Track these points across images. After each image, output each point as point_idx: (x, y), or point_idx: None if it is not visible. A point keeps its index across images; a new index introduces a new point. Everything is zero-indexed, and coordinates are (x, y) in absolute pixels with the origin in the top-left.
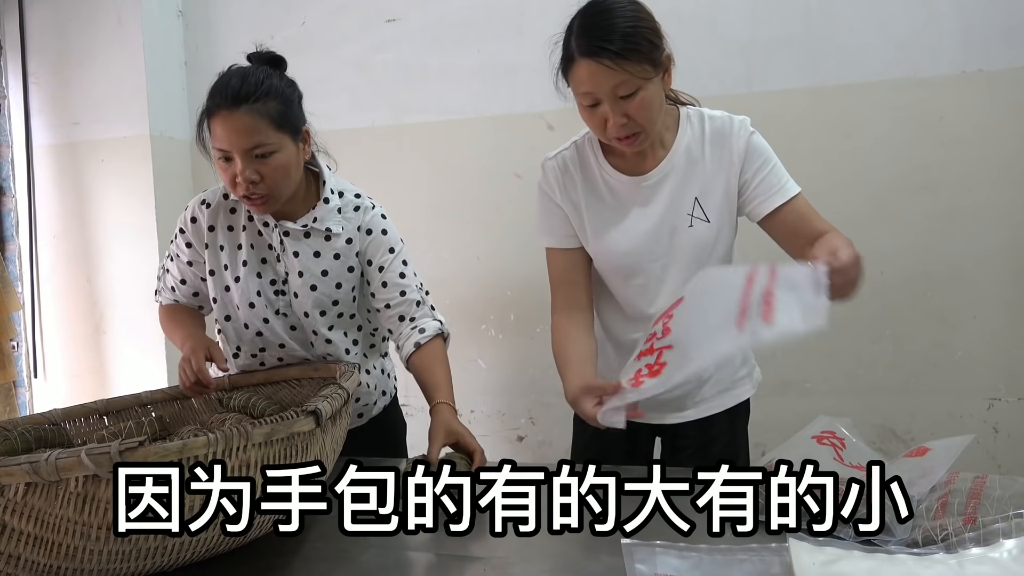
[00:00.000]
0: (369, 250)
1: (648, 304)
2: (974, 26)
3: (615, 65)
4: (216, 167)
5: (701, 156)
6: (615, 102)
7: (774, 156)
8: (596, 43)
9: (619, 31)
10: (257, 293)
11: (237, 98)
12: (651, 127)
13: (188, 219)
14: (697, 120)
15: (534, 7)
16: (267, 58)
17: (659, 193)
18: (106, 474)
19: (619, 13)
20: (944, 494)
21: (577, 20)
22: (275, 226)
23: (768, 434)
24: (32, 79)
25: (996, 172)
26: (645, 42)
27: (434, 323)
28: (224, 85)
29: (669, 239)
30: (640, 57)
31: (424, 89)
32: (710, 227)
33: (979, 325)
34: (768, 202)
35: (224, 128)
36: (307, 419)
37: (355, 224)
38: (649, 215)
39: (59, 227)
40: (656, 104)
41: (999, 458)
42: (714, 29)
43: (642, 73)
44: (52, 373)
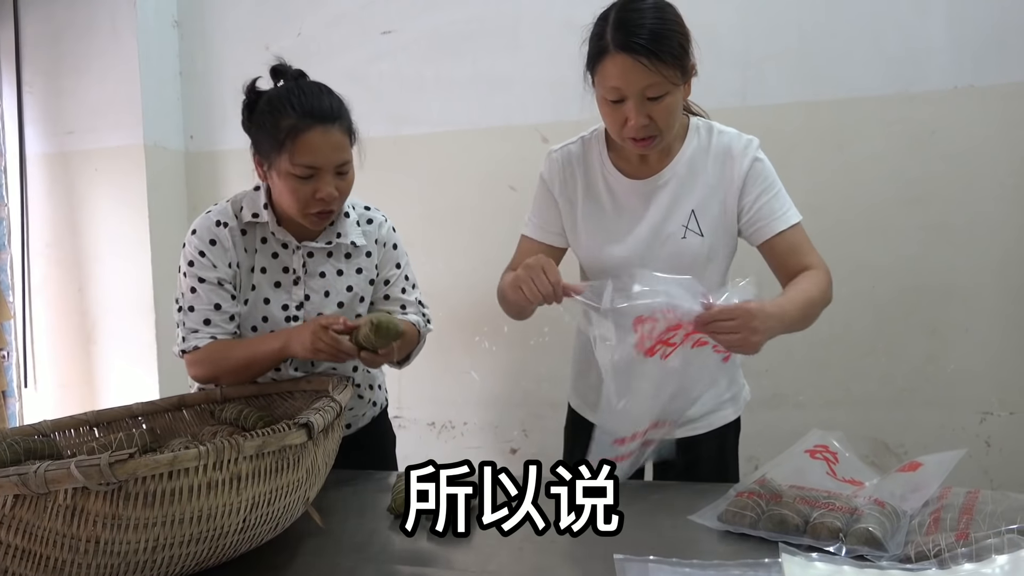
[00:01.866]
0: (381, 263)
1: None
2: (965, 42)
3: (651, 65)
4: (285, 186)
5: (703, 169)
6: (642, 102)
7: (778, 182)
8: (635, 39)
9: (659, 31)
10: (263, 319)
11: (331, 116)
12: (669, 132)
13: (206, 241)
14: (706, 132)
15: (529, 20)
16: (296, 73)
17: (656, 199)
18: (95, 486)
19: (658, 14)
20: (937, 509)
21: (614, 12)
22: (296, 247)
23: (761, 447)
24: (26, 88)
25: (988, 186)
26: (679, 48)
27: (416, 317)
28: (314, 102)
29: (661, 247)
30: (674, 61)
31: (419, 101)
32: (703, 241)
33: (971, 339)
34: (764, 230)
35: (321, 143)
36: (299, 432)
37: (372, 237)
38: (643, 221)
39: (51, 236)
40: (677, 110)
41: (991, 472)
42: (709, 43)
43: (673, 78)
44: (42, 383)
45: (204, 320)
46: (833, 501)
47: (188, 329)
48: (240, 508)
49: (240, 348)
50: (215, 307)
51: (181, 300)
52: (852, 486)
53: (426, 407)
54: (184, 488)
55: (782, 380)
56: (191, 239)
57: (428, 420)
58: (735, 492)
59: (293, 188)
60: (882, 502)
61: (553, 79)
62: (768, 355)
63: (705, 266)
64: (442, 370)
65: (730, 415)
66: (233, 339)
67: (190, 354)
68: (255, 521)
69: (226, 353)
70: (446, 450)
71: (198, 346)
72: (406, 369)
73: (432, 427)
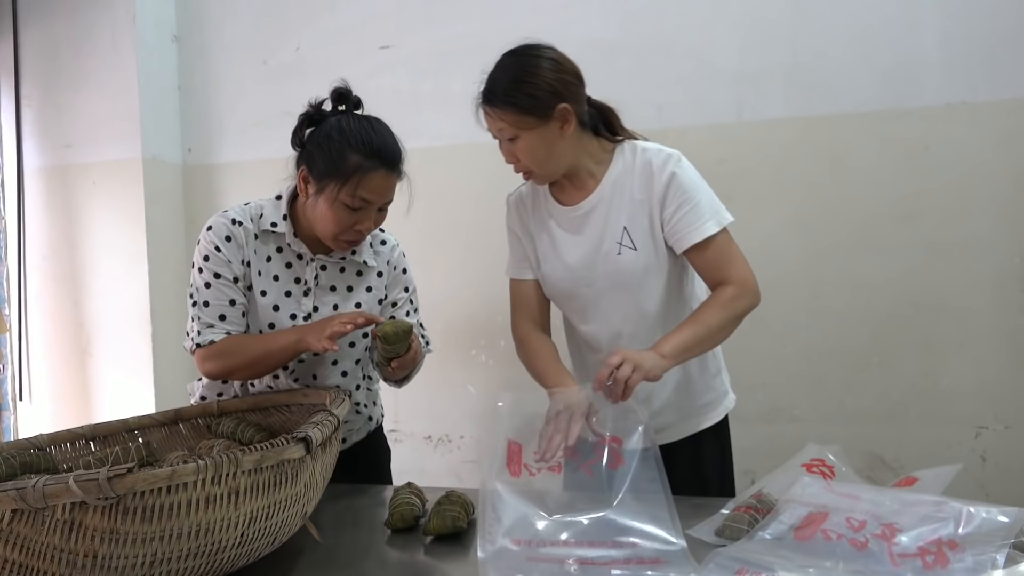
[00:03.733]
0: (390, 286)
1: (583, 322)
2: (958, 59)
3: (493, 112)
4: (330, 212)
5: (629, 186)
6: (504, 143)
7: (699, 193)
8: (486, 91)
9: (507, 84)
10: (270, 325)
11: (398, 161)
12: (540, 169)
13: (222, 237)
14: (630, 153)
15: (527, 36)
16: (356, 101)
17: (590, 222)
18: (93, 501)
19: (518, 65)
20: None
21: (494, 66)
22: (311, 259)
23: (758, 461)
24: (25, 101)
25: (981, 202)
26: (527, 97)
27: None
28: (385, 147)
29: (601, 265)
30: (518, 109)
31: (417, 115)
32: (637, 255)
33: (966, 354)
34: (682, 241)
35: (382, 186)
36: (297, 446)
37: (385, 259)
38: (581, 243)
39: (48, 249)
40: (542, 150)
41: (987, 487)
42: (704, 60)
43: (519, 123)
44: (38, 396)
45: (220, 315)
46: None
47: (204, 324)
48: (238, 522)
49: (256, 342)
50: (230, 303)
51: (196, 295)
52: (848, 500)
53: (423, 421)
54: (182, 502)
55: (778, 395)
56: (206, 235)
57: (425, 434)
58: (732, 506)
59: (338, 217)
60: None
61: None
62: (764, 370)
63: (644, 280)
64: (439, 384)
65: (711, 418)
66: (246, 334)
67: (204, 348)
68: (253, 535)
69: (241, 347)
70: (442, 464)
71: (214, 340)
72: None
73: (428, 441)
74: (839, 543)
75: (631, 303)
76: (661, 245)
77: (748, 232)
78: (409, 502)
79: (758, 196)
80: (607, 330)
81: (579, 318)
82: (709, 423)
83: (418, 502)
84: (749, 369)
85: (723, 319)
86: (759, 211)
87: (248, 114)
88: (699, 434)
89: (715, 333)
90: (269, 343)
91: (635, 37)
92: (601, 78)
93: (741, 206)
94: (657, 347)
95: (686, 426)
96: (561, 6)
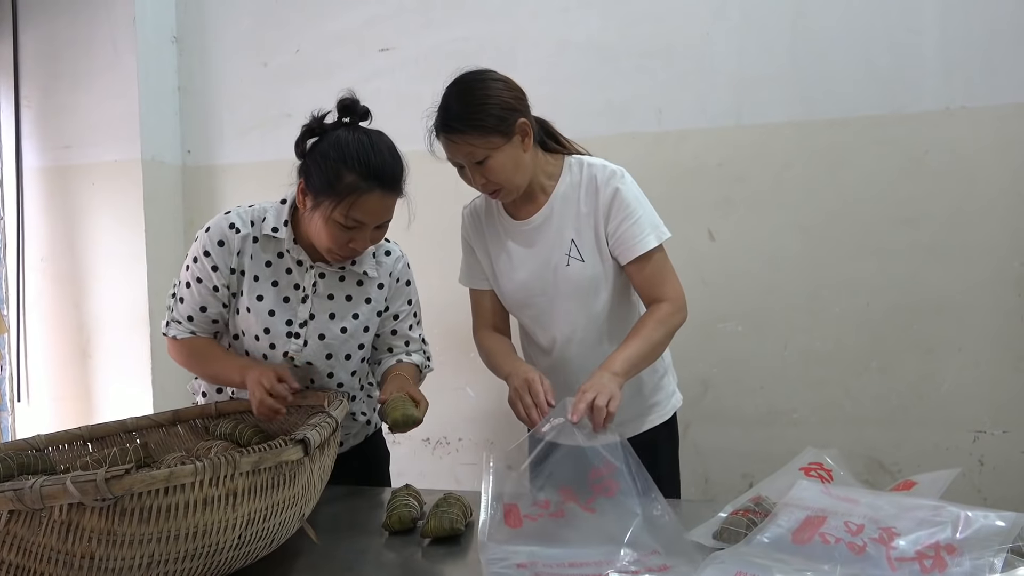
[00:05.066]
0: (392, 297)
1: (539, 329)
2: (957, 64)
3: (460, 140)
4: (324, 227)
5: (576, 200)
6: (472, 166)
7: (640, 208)
8: (445, 121)
9: (465, 110)
10: (265, 330)
11: (395, 183)
12: (510, 184)
13: (215, 242)
14: (577, 168)
15: (526, 39)
16: (362, 113)
17: (540, 235)
18: (91, 502)
19: (470, 91)
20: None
21: (442, 97)
22: (311, 267)
23: (756, 465)
24: (24, 102)
25: (980, 206)
26: (489, 117)
27: (419, 357)
28: (384, 167)
29: (552, 276)
30: (484, 131)
31: (416, 118)
32: (585, 266)
33: (965, 357)
34: (622, 255)
35: (377, 207)
36: (295, 448)
37: (387, 270)
38: (533, 255)
39: (47, 250)
40: (510, 166)
41: (985, 491)
42: (703, 64)
43: (487, 144)
44: (36, 397)
45: (188, 316)
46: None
47: (173, 318)
48: (236, 524)
49: (209, 359)
50: (201, 309)
51: (177, 288)
52: (846, 504)
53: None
54: (180, 504)
55: (777, 398)
56: (203, 235)
57: (423, 436)
58: (730, 510)
59: (332, 234)
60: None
61: (548, 98)
62: (763, 373)
63: (595, 291)
64: (437, 386)
65: (656, 419)
66: (211, 344)
67: (169, 339)
68: (251, 537)
69: (198, 355)
70: (441, 466)
71: (177, 337)
72: None
73: (427, 443)
74: (837, 547)
75: (582, 310)
76: (607, 256)
77: (747, 235)
78: (407, 504)
79: (757, 199)
80: (560, 335)
81: (533, 325)
82: (659, 420)
83: (416, 504)
84: (748, 372)
85: (663, 334)
86: (758, 214)
87: (248, 116)
88: (653, 431)
89: (656, 348)
90: (218, 367)
91: (635, 40)
92: (600, 81)
93: (740, 209)
94: (608, 366)
95: (638, 423)
96: (560, 9)
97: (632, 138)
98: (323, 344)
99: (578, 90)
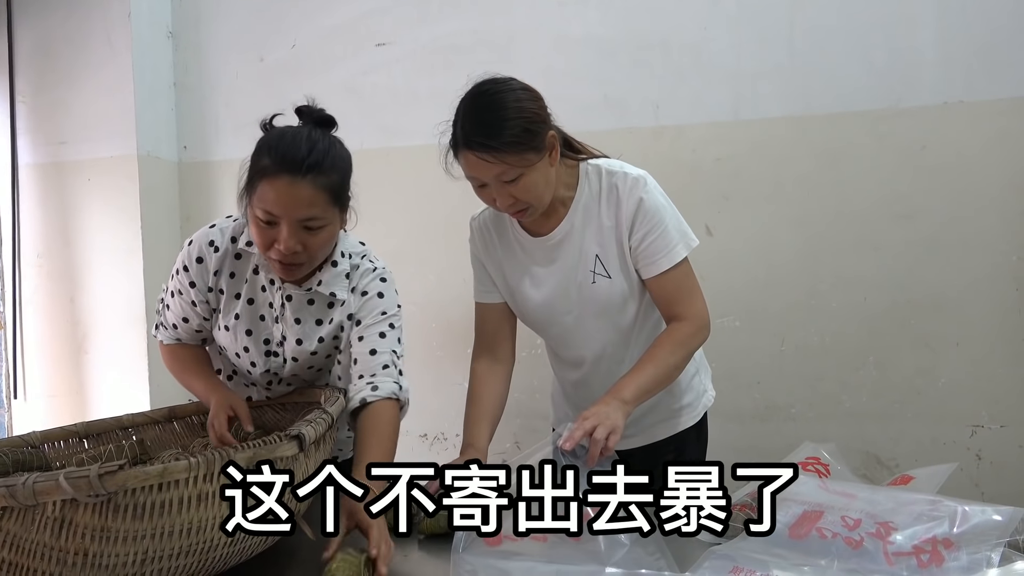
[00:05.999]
0: (360, 311)
1: (566, 349)
2: (955, 58)
3: (493, 159)
4: (252, 225)
5: (598, 213)
6: (500, 186)
7: (666, 218)
8: (476, 137)
9: (497, 125)
10: (245, 349)
11: (303, 167)
12: (540, 202)
13: (193, 258)
14: (595, 176)
15: (523, 33)
16: (319, 117)
17: (562, 251)
18: (84, 498)
19: (500, 104)
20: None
21: (462, 109)
22: (279, 287)
23: (753, 459)
24: (19, 97)
25: (978, 200)
26: (524, 132)
27: (391, 385)
28: (289, 149)
29: (576, 294)
30: (519, 148)
31: (412, 113)
32: (612, 283)
33: (962, 352)
34: (646, 269)
35: (282, 195)
36: (290, 444)
37: (352, 285)
38: (554, 272)
39: (43, 246)
40: (541, 183)
41: (982, 485)
42: (701, 58)
43: (522, 162)
44: (32, 394)
45: (173, 324)
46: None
47: (161, 322)
48: None
49: (186, 371)
50: (183, 320)
51: (164, 294)
52: (843, 498)
53: (418, 419)
54: (174, 500)
55: (774, 393)
56: (186, 249)
57: (420, 432)
58: None
59: (256, 231)
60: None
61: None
62: (760, 368)
63: (623, 307)
64: (434, 382)
65: (691, 419)
66: (192, 354)
67: (158, 341)
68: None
69: (178, 364)
70: (438, 461)
71: (163, 341)
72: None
73: (424, 439)
74: (834, 541)
75: (610, 327)
76: (632, 270)
77: (744, 230)
78: None
79: (755, 194)
80: (589, 354)
81: (559, 343)
82: (691, 422)
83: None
84: (745, 367)
85: (680, 357)
86: (756, 209)
87: (244, 111)
88: (682, 433)
89: (672, 372)
90: (192, 380)
91: (632, 34)
92: (597, 76)
93: (737, 204)
94: (618, 391)
95: (668, 426)
96: (557, 2)
97: (629, 133)
98: (300, 363)
99: (575, 85)
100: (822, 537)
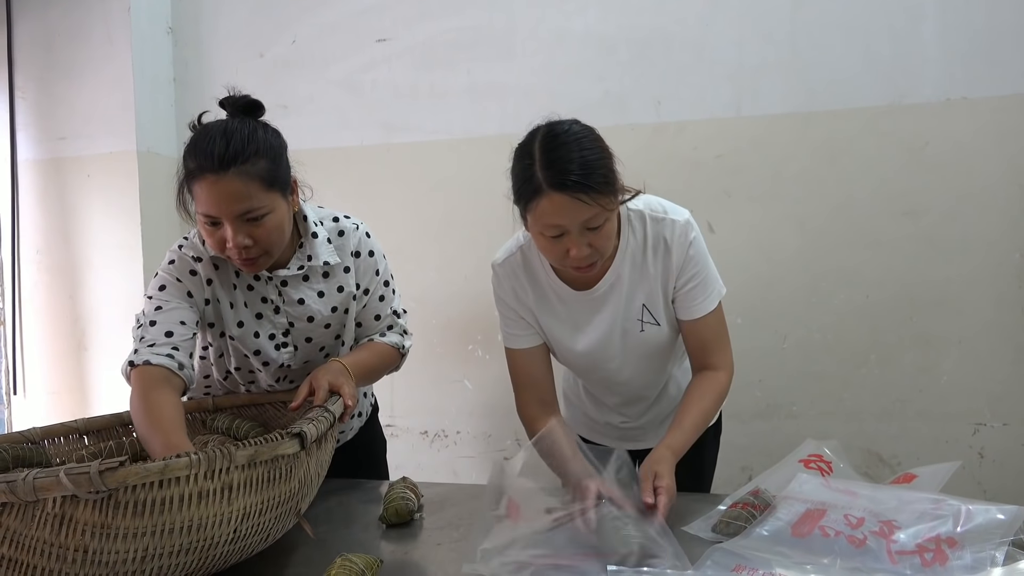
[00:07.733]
0: (359, 273)
1: (609, 393)
2: (958, 54)
3: (590, 200)
4: (201, 231)
5: (643, 263)
6: (582, 233)
7: (708, 263)
8: (570, 177)
9: (588, 163)
10: (255, 352)
11: (223, 161)
12: (607, 251)
13: (186, 271)
14: (639, 224)
15: (524, 29)
16: (243, 105)
17: (608, 303)
18: (85, 495)
19: (585, 144)
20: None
21: (541, 151)
22: (269, 278)
23: (755, 457)
24: (18, 93)
25: (980, 197)
26: (610, 172)
27: (396, 339)
28: (207, 147)
29: (621, 342)
30: (607, 188)
31: (413, 109)
32: (660, 329)
33: (964, 350)
34: (684, 313)
35: (211, 194)
36: (292, 442)
37: (347, 250)
38: (599, 323)
39: (42, 243)
40: (614, 230)
41: (985, 484)
42: (703, 54)
43: (609, 204)
44: (32, 390)
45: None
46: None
47: (136, 347)
48: (231, 518)
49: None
50: (166, 334)
51: (144, 315)
52: (846, 496)
53: (419, 416)
54: (175, 497)
55: (776, 391)
56: (171, 267)
57: (421, 429)
58: (729, 503)
59: (205, 234)
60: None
61: (547, 89)
62: (762, 366)
63: (667, 348)
64: (435, 379)
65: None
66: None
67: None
68: (246, 532)
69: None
70: (439, 459)
71: (135, 362)
72: (399, 378)
73: (425, 436)
74: (837, 540)
75: (652, 369)
76: (672, 312)
77: (746, 227)
78: (404, 497)
79: (756, 191)
80: (630, 394)
81: (600, 388)
82: (712, 422)
83: (413, 497)
84: (747, 365)
85: (718, 407)
86: (757, 206)
87: None
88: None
89: (710, 420)
90: (148, 433)
91: (633, 30)
92: (599, 72)
93: (739, 201)
94: (669, 444)
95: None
96: None
97: (631, 129)
98: (313, 344)
99: (576, 81)
100: (825, 535)
